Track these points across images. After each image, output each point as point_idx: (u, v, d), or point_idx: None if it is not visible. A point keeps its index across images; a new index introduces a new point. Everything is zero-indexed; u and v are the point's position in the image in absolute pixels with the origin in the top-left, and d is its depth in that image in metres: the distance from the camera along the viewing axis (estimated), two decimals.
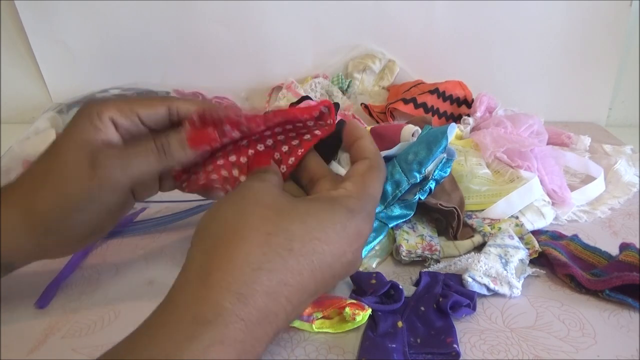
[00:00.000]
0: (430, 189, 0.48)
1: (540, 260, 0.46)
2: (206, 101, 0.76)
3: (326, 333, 0.38)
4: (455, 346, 0.36)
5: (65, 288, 0.43)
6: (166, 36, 0.80)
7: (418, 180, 0.47)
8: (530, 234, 0.48)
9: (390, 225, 0.48)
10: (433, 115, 0.70)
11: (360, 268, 0.44)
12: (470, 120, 0.68)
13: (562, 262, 0.44)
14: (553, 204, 0.54)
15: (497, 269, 0.42)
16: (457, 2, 0.77)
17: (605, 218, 0.55)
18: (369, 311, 0.38)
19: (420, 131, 0.52)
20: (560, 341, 0.38)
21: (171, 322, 0.26)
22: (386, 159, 0.46)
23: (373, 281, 0.42)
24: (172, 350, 0.25)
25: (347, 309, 0.38)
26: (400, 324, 0.38)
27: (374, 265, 0.46)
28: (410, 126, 0.52)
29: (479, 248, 0.47)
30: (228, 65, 0.83)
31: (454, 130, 0.52)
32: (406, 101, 0.70)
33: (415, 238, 0.48)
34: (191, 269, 0.29)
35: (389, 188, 0.47)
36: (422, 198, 0.48)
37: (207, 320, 0.26)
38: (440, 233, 0.51)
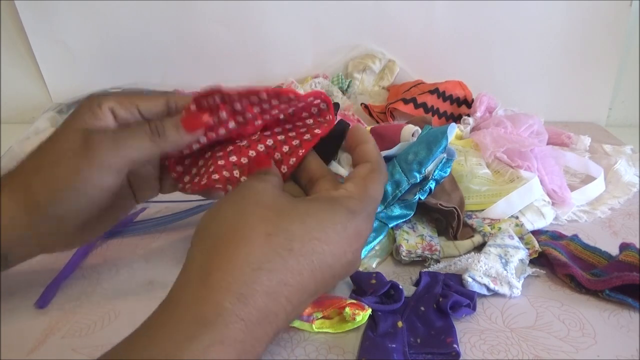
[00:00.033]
0: (430, 189, 0.48)
1: (540, 260, 0.46)
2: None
3: (326, 333, 0.38)
4: (455, 346, 0.36)
5: (65, 288, 0.43)
6: (166, 36, 0.80)
7: (418, 180, 0.47)
8: (530, 234, 0.48)
9: (390, 225, 0.48)
10: (433, 115, 0.70)
11: (360, 268, 0.44)
12: (470, 120, 0.68)
13: (562, 262, 0.44)
14: (553, 204, 0.54)
15: (497, 269, 0.42)
16: (457, 2, 0.77)
17: (605, 218, 0.55)
18: (369, 311, 0.38)
19: (420, 131, 0.52)
20: (560, 341, 0.38)
21: (171, 322, 0.26)
22: (386, 159, 0.46)
23: (373, 281, 0.42)
24: (172, 350, 0.25)
25: (347, 309, 0.38)
26: (400, 324, 0.38)
27: (374, 265, 0.46)
28: (410, 126, 0.52)
29: (479, 248, 0.47)
30: (228, 65, 0.83)
31: (454, 130, 0.52)
32: (406, 101, 0.70)
33: (415, 238, 0.48)
34: (191, 269, 0.29)
35: (389, 188, 0.47)
36: (422, 198, 0.48)
37: (208, 320, 0.26)
38: (440, 233, 0.50)
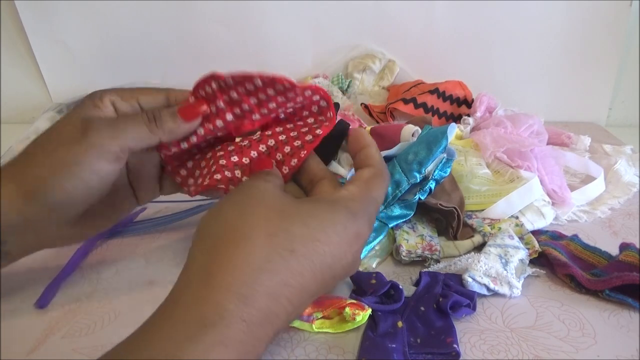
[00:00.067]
0: (430, 189, 0.48)
1: (540, 260, 0.46)
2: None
3: (326, 333, 0.38)
4: (455, 346, 0.36)
5: (65, 288, 0.43)
6: (166, 36, 0.80)
7: (418, 180, 0.47)
8: (530, 234, 0.48)
9: (390, 225, 0.48)
10: (433, 115, 0.70)
11: (360, 268, 0.45)
12: (470, 120, 0.68)
13: (562, 262, 0.44)
14: (553, 204, 0.54)
15: (497, 269, 0.42)
16: (457, 2, 0.77)
17: (605, 218, 0.55)
18: (369, 311, 0.38)
19: (420, 131, 0.52)
20: (560, 341, 0.38)
21: (172, 323, 0.26)
22: (386, 159, 0.46)
23: (373, 281, 0.42)
24: (173, 350, 0.24)
25: (347, 309, 0.38)
26: (400, 324, 0.38)
27: (374, 265, 0.46)
28: (410, 126, 0.52)
29: (479, 248, 0.47)
30: (228, 65, 0.81)
31: (454, 130, 0.52)
32: (406, 101, 0.69)
33: (415, 238, 0.48)
34: (192, 269, 0.29)
35: (389, 188, 0.47)
36: (422, 198, 0.48)
37: (209, 321, 0.25)
38: (440, 233, 0.50)
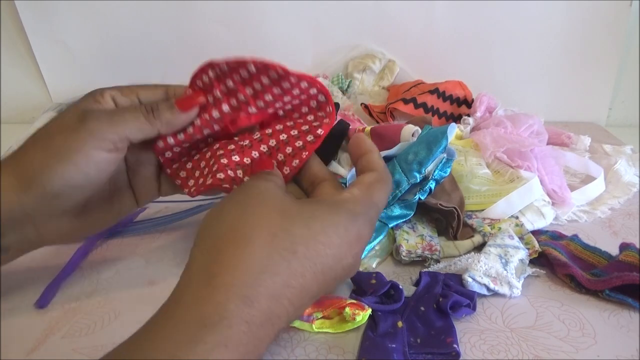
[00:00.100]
0: (430, 189, 0.48)
1: (540, 260, 0.46)
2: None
3: (326, 333, 0.38)
4: (455, 346, 0.36)
5: (65, 288, 0.43)
6: (166, 36, 0.80)
7: (418, 180, 0.47)
8: (530, 234, 0.48)
9: (390, 225, 0.48)
10: (433, 115, 0.70)
11: (360, 268, 0.44)
12: (470, 120, 0.68)
13: (562, 262, 0.44)
14: (553, 204, 0.54)
15: (497, 269, 0.42)
16: (457, 2, 0.77)
17: (605, 218, 0.55)
18: (369, 311, 0.38)
19: (420, 131, 0.52)
20: (560, 341, 0.38)
21: (173, 323, 0.26)
22: (386, 159, 0.46)
23: (373, 281, 0.42)
24: (174, 351, 0.24)
25: (347, 309, 0.38)
26: (400, 324, 0.38)
27: (374, 265, 0.46)
28: (410, 126, 0.52)
29: (479, 248, 0.47)
30: None
31: (454, 130, 0.52)
32: (406, 101, 0.69)
33: (415, 238, 0.48)
34: (194, 270, 0.29)
35: None
36: (422, 198, 0.48)
37: (211, 322, 0.25)
38: (440, 233, 0.50)
